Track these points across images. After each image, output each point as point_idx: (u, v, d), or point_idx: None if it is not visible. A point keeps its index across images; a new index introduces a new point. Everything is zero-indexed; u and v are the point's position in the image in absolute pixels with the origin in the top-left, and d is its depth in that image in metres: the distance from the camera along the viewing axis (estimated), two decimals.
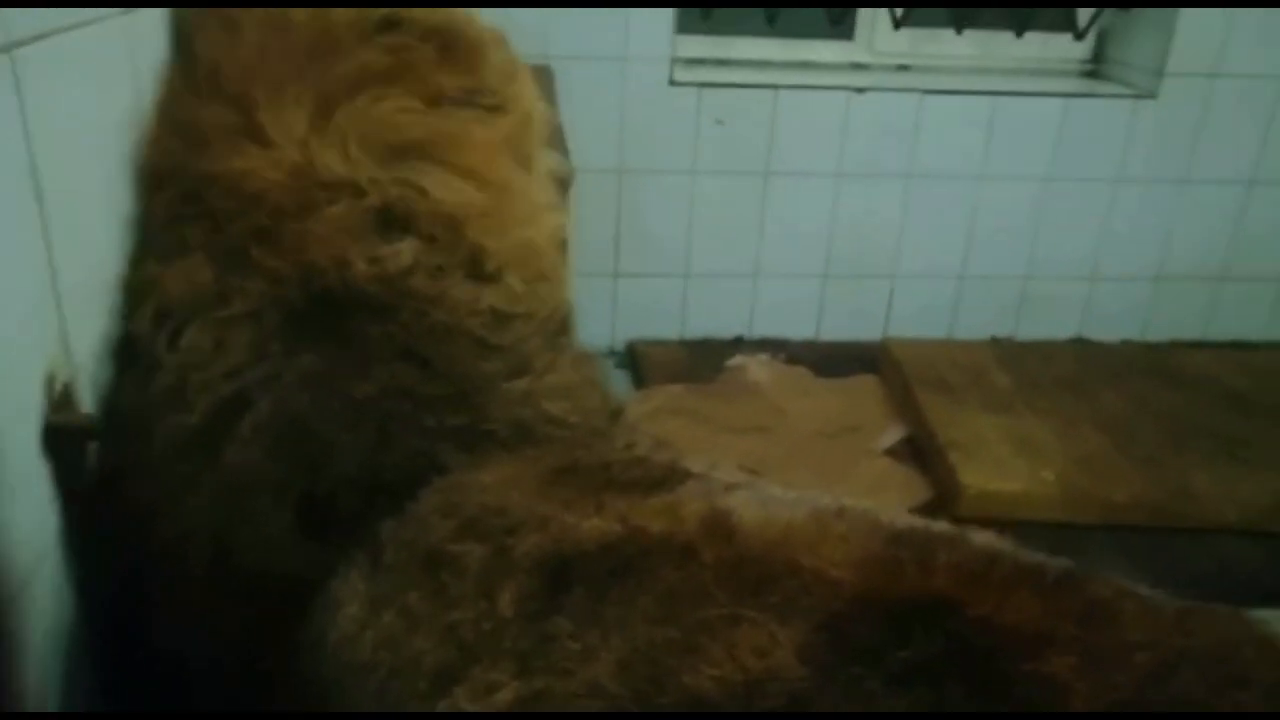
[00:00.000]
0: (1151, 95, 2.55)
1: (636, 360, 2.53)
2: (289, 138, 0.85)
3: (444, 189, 0.85)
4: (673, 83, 2.45)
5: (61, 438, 0.76)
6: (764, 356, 2.56)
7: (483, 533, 0.65)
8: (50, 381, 0.76)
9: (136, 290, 0.86)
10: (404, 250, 0.81)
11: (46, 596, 0.76)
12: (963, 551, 0.60)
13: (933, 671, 0.53)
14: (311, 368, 0.78)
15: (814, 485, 1.94)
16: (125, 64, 0.90)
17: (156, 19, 0.96)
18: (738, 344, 2.65)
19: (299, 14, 0.93)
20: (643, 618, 0.58)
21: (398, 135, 0.87)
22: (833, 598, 0.57)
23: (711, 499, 0.65)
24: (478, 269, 0.84)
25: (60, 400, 0.77)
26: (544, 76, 2.21)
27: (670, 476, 0.70)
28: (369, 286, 0.80)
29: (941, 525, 0.65)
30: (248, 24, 0.93)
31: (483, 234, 0.85)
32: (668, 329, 2.65)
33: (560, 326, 0.87)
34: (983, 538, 0.63)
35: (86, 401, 0.82)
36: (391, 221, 0.83)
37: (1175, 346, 2.72)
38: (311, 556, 0.75)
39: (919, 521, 0.65)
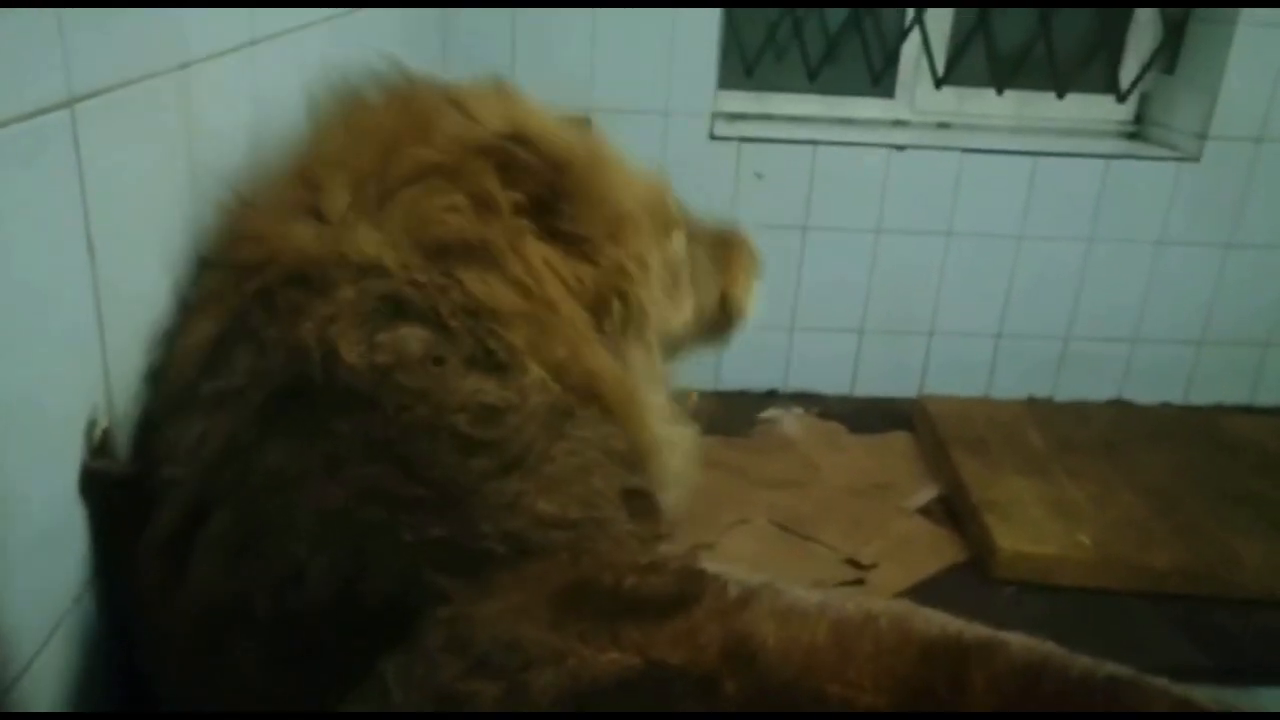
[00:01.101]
0: (1195, 158, 2.54)
1: None
2: (338, 214, 0.83)
3: (482, 286, 0.80)
4: (713, 137, 2.48)
5: (98, 484, 0.77)
6: (798, 410, 2.55)
7: (495, 671, 0.61)
8: (91, 427, 0.78)
9: (156, 372, 0.84)
10: (408, 338, 0.76)
11: (76, 641, 0.77)
12: (1000, 665, 0.57)
13: None
14: (278, 468, 0.71)
15: (845, 543, 1.94)
16: (179, 123, 0.92)
17: (213, 82, 0.99)
18: (772, 397, 2.65)
19: (425, 136, 0.90)
20: None
21: (442, 231, 0.82)
22: None
23: (727, 620, 0.62)
24: (491, 359, 0.77)
25: (99, 446, 0.78)
26: (585, 128, 2.24)
27: (685, 589, 0.65)
28: (349, 377, 0.73)
29: (975, 630, 0.60)
30: (364, 128, 0.92)
31: (510, 329, 0.79)
32: (701, 380, 2.65)
33: (564, 411, 0.79)
34: (1021, 643, 0.59)
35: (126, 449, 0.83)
36: (407, 309, 0.77)
37: (1218, 411, 2.67)
38: (289, 687, 0.69)
39: (952, 626, 0.61)
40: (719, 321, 1.15)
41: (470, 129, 0.92)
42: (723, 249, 1.18)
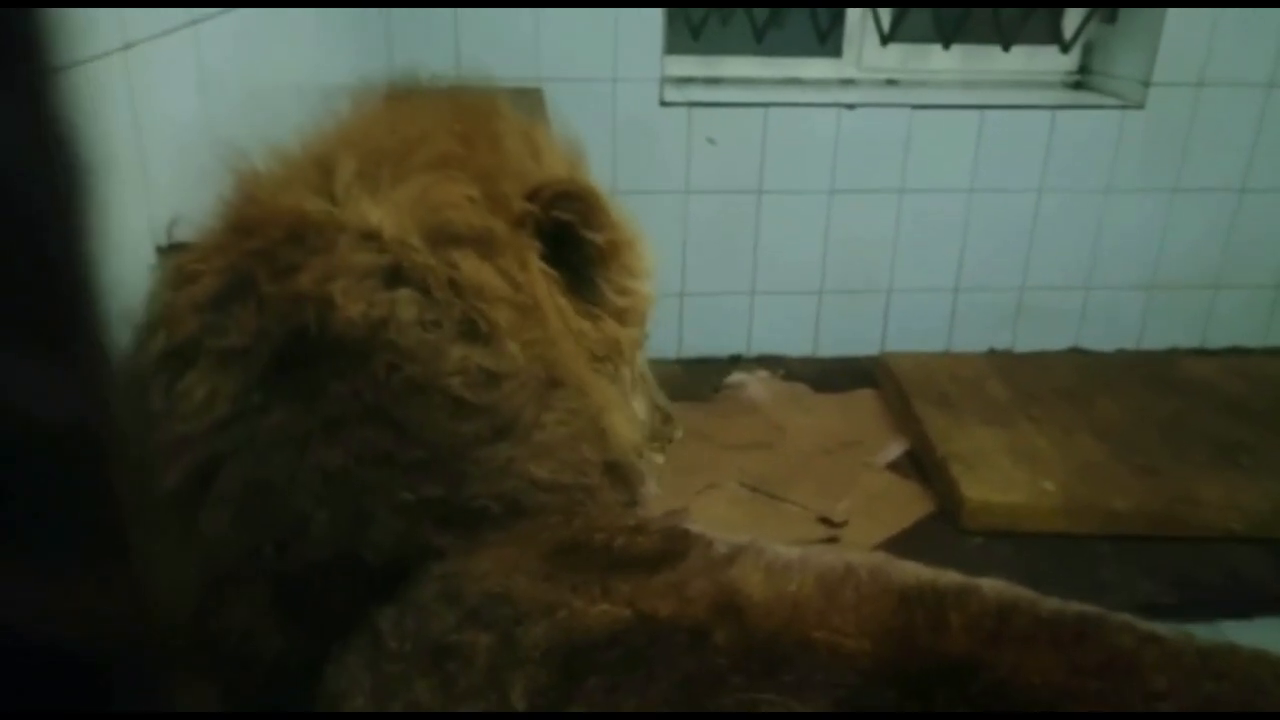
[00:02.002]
0: (1139, 105, 2.57)
1: None
2: (342, 187, 0.85)
3: (473, 267, 0.83)
4: (663, 103, 2.46)
5: None
6: (762, 373, 2.56)
7: (487, 622, 0.63)
8: None
9: (145, 325, 0.84)
10: (401, 300, 0.78)
11: None
12: (974, 608, 0.60)
13: None
14: (283, 428, 0.74)
15: (816, 501, 1.95)
16: (125, 101, 0.89)
17: (155, 54, 0.96)
18: (735, 362, 2.65)
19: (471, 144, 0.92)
20: (660, 706, 0.57)
21: (450, 217, 0.84)
22: (848, 670, 0.56)
23: (715, 574, 0.64)
24: (475, 330, 0.80)
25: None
26: (534, 99, 2.21)
27: (671, 547, 0.68)
28: (343, 328, 0.75)
29: (950, 577, 0.63)
30: (396, 118, 0.94)
31: (494, 308, 0.82)
32: (665, 348, 2.64)
33: (551, 382, 0.82)
34: (994, 587, 0.62)
35: None
36: (401, 277, 0.80)
37: (1172, 354, 2.72)
38: (292, 641, 0.71)
39: (926, 574, 0.64)
40: None
41: (532, 166, 0.95)
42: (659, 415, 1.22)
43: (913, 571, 0.64)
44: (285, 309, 0.76)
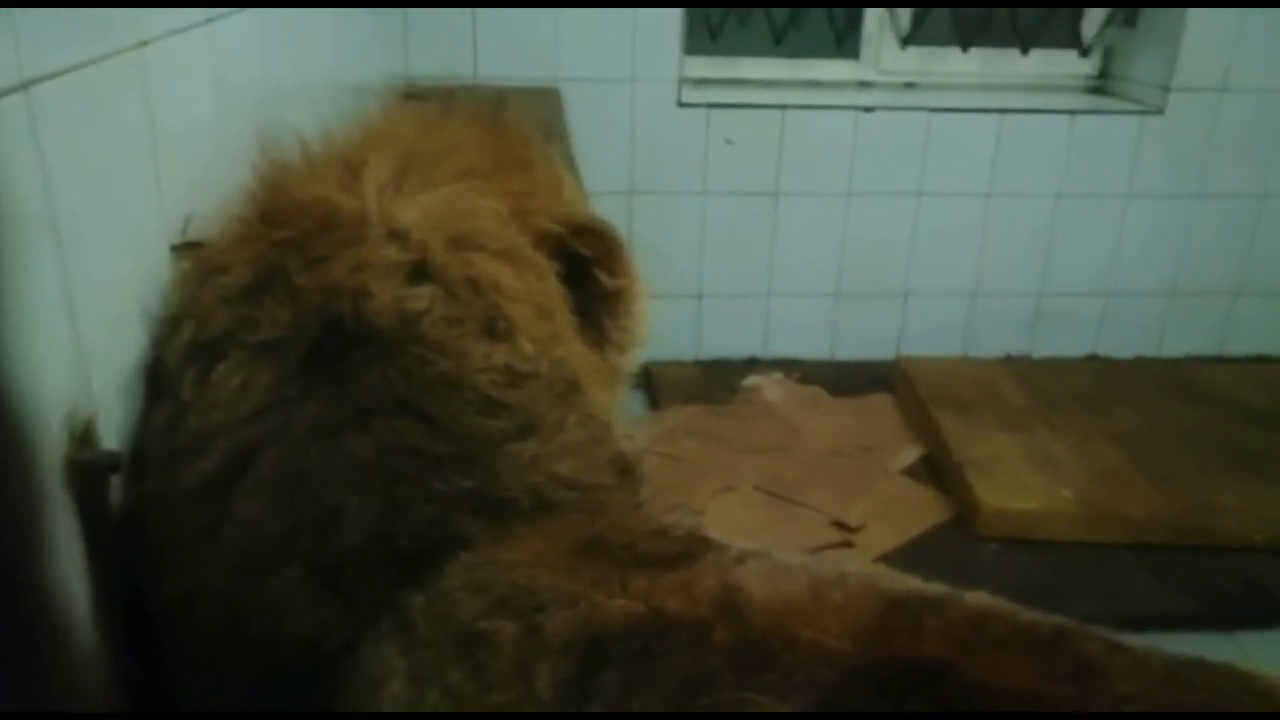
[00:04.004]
0: (1159, 110, 2.55)
1: (652, 381, 2.52)
2: (376, 186, 0.87)
3: (493, 269, 0.85)
4: (681, 104, 2.45)
5: (82, 474, 0.75)
6: (778, 376, 2.55)
7: (513, 611, 0.66)
8: (71, 418, 0.75)
9: (171, 316, 0.85)
10: (429, 295, 0.80)
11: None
12: (951, 615, 0.62)
13: None
14: (316, 417, 0.76)
15: (832, 505, 1.94)
16: (139, 99, 0.89)
17: (170, 52, 0.96)
18: (752, 364, 2.64)
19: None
20: (663, 703, 0.60)
21: (474, 225, 0.87)
22: (827, 668, 0.59)
23: (723, 574, 0.67)
24: (495, 328, 0.82)
25: (82, 437, 0.76)
26: (552, 99, 2.21)
27: (689, 550, 0.70)
28: (382, 320, 0.78)
29: (935, 587, 0.66)
30: (430, 128, 0.97)
31: (510, 304, 0.84)
32: (682, 350, 2.64)
33: (570, 385, 0.85)
34: (976, 597, 0.64)
35: (113, 432, 0.81)
36: (425, 275, 0.82)
37: (1192, 362, 2.70)
38: (325, 621, 0.73)
39: (915, 584, 0.67)
40: None
41: (556, 197, 0.99)
42: None
43: (902, 581, 0.68)
44: (319, 299, 0.78)
